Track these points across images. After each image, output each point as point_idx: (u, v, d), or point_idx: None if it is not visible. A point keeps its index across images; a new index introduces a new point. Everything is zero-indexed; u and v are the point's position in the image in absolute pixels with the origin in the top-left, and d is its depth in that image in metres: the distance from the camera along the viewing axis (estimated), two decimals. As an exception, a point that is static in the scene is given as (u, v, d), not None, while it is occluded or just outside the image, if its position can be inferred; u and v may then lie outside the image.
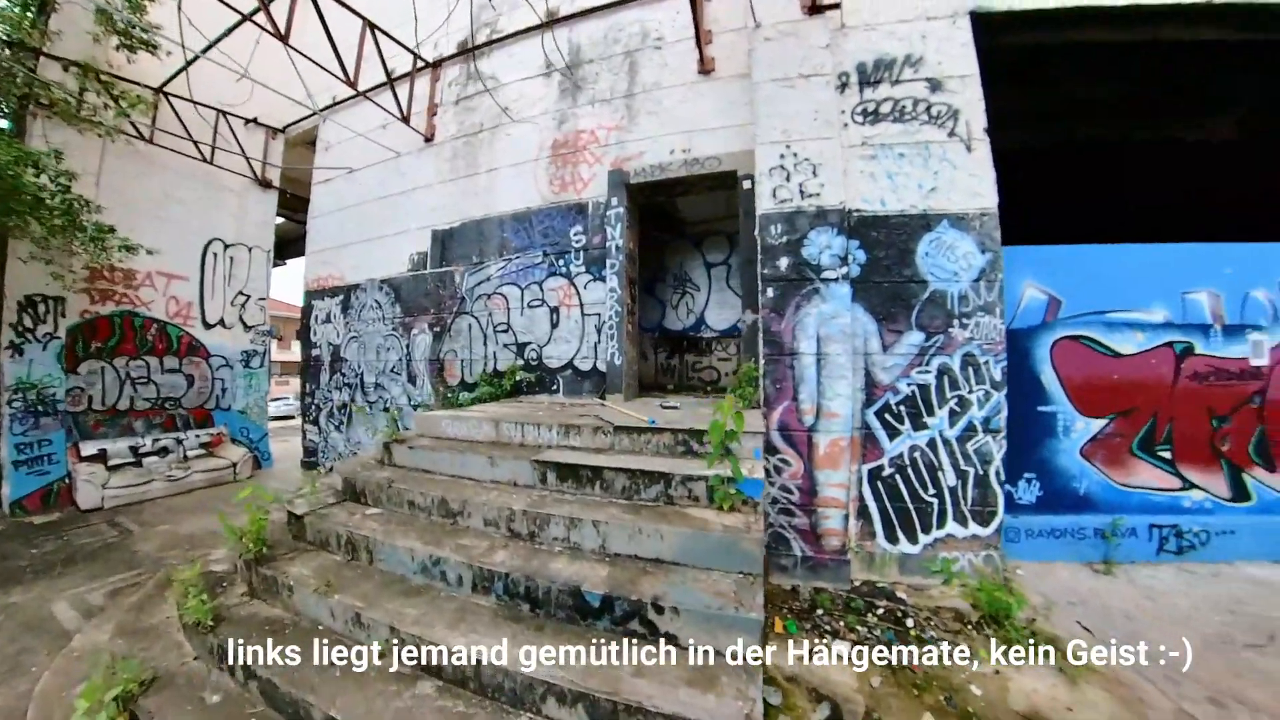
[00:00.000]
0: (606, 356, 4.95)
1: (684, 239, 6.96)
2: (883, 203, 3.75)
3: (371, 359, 6.68)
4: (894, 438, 3.63)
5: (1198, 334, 3.71)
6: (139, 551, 4.80)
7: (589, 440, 3.40)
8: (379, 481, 3.35)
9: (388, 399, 6.49)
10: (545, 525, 2.70)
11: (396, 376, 6.42)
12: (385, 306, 6.57)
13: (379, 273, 6.66)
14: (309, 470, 7.42)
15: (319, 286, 7.38)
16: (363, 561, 2.86)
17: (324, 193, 7.45)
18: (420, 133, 6.36)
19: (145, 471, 6.62)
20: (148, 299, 7.20)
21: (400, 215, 6.53)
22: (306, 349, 7.51)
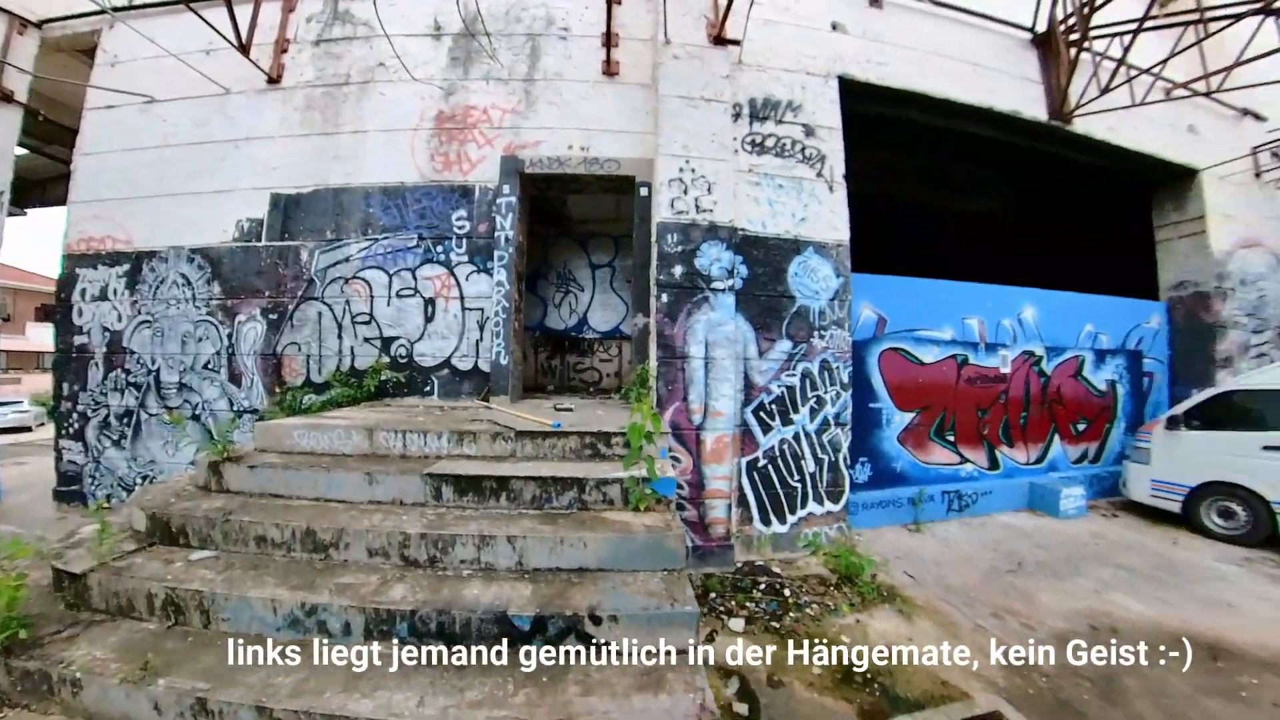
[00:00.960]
0: (491, 355, 4.57)
1: (570, 237, 6.80)
2: (763, 225, 4.20)
3: (174, 351, 5.09)
4: (767, 432, 4.12)
5: (971, 349, 5.11)
6: None
7: (487, 448, 3.11)
8: (208, 514, 2.58)
9: (198, 404, 5.02)
10: (450, 548, 2.39)
11: (212, 374, 5.00)
12: (198, 284, 5.05)
13: (190, 239, 5.09)
14: (67, 503, 5.37)
15: (89, 249, 5.34)
16: (194, 626, 2.16)
17: (104, 123, 5.41)
18: (263, 71, 5.01)
19: None
20: None
21: (226, 169, 5.08)
22: (65, 335, 5.39)
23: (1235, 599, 3.41)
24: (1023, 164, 6.21)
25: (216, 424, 4.85)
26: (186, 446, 4.99)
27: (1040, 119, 5.26)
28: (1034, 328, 5.44)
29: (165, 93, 5.27)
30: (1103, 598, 3.40)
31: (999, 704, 2.27)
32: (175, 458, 5.10)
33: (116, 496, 5.27)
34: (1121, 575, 3.77)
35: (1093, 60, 5.08)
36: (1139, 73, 5.03)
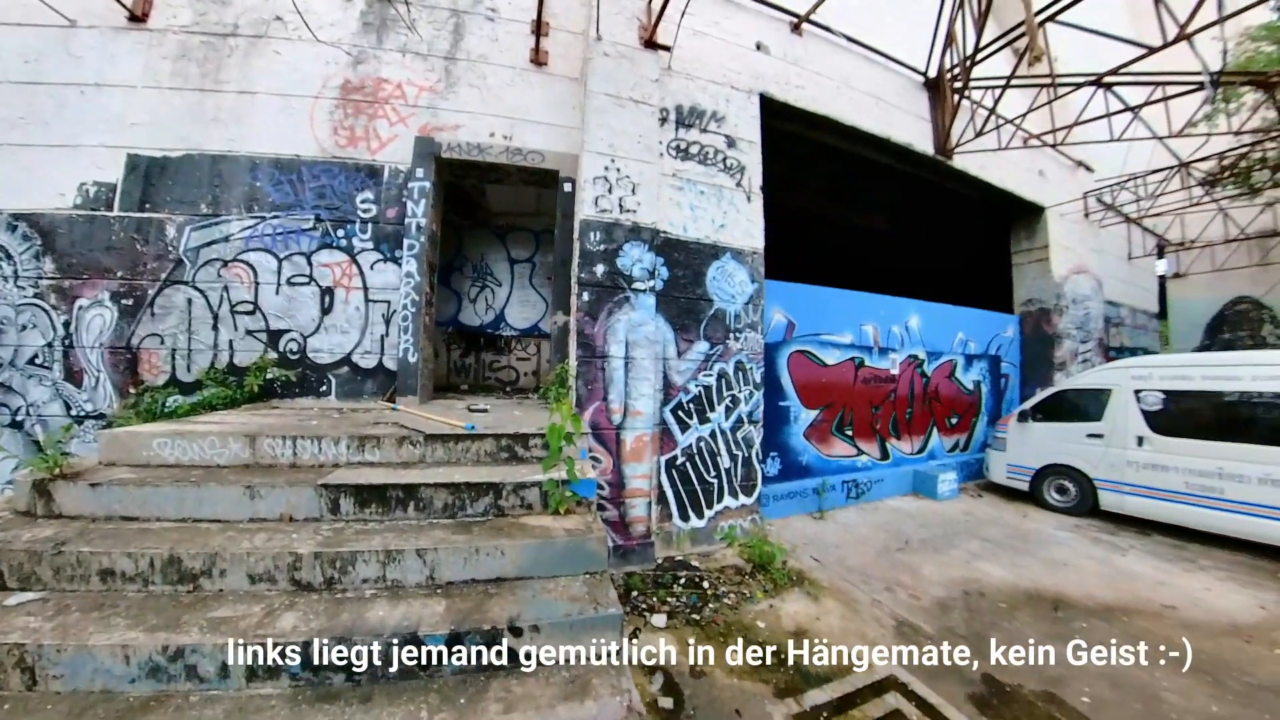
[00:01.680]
0: (398, 352, 4.24)
1: (488, 229, 6.50)
2: (685, 229, 4.31)
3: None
4: (685, 430, 4.27)
5: (866, 352, 5.68)
6: None
7: (392, 453, 2.89)
8: (31, 547, 2.13)
9: (19, 407, 4.10)
10: (350, 566, 2.20)
11: (42, 371, 4.10)
12: (21, 258, 4.09)
13: (10, 202, 4.10)
14: None
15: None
16: (13, 689, 1.75)
17: None
18: (124, 5, 4.14)
19: None
20: None
21: (67, 119, 4.14)
22: None
23: (1069, 559, 4.14)
24: (912, 189, 7.01)
25: (47, 433, 4.02)
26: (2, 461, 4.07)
27: (928, 152, 5.96)
28: (918, 334, 6.19)
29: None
30: (972, 566, 3.96)
31: (894, 670, 2.58)
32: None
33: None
34: (987, 546, 4.41)
35: (971, 106, 5.88)
36: (1004, 121, 5.88)
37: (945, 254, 9.84)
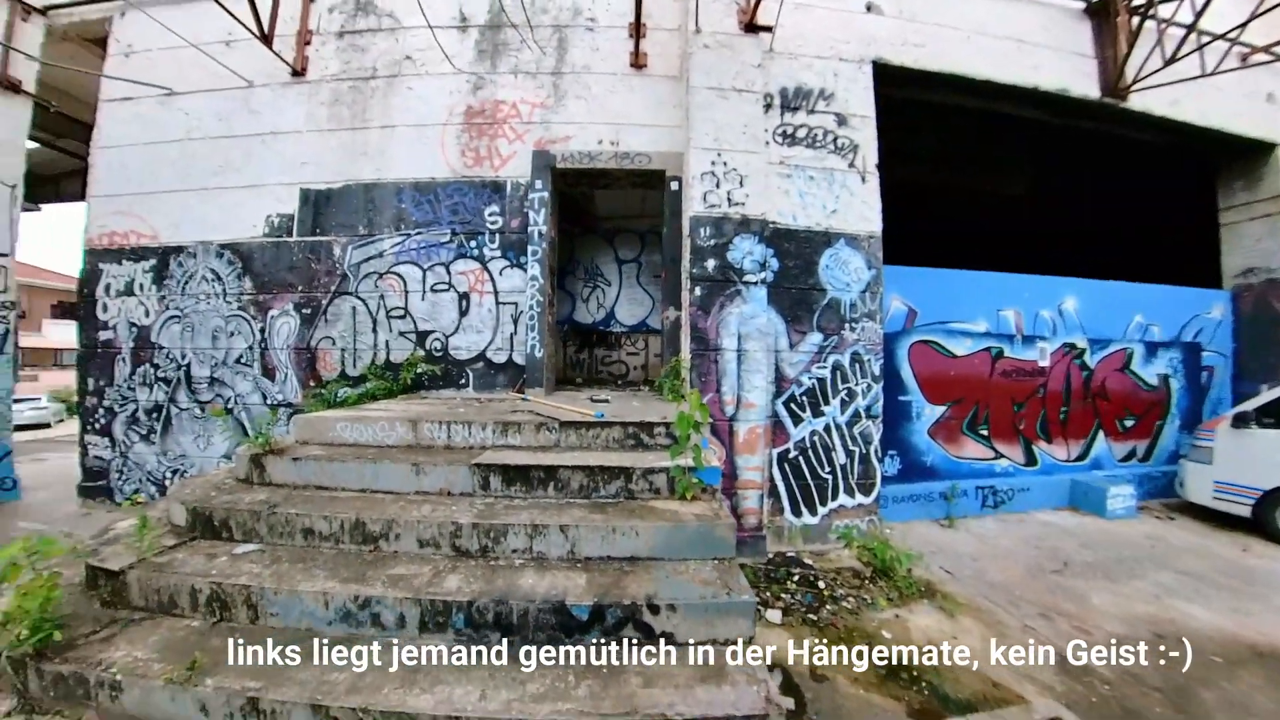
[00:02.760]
0: (525, 349, 4.52)
1: (597, 234, 6.76)
2: (794, 218, 4.09)
3: (204, 346, 5.06)
4: (798, 424, 4.03)
5: (1006, 341, 4.88)
6: None
7: (532, 438, 3.04)
8: (252, 507, 2.52)
9: (230, 397, 4.99)
10: (502, 537, 2.32)
11: (245, 369, 4.97)
12: (229, 279, 5.02)
13: (218, 235, 5.06)
14: (92, 498, 5.35)
15: (113, 245, 5.33)
16: (241, 622, 2.09)
17: (123, 116, 5.38)
18: (287, 62, 4.96)
19: None
20: None
21: (254, 165, 5.04)
22: (90, 331, 5.38)
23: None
24: (1063, 144, 5.83)
25: (250, 418, 4.84)
26: (220, 440, 4.97)
27: (1091, 96, 4.87)
28: (1075, 319, 5.18)
29: (185, 85, 5.22)
30: (1165, 604, 3.20)
31: (1059, 710, 2.16)
32: (207, 451, 5.08)
33: (145, 491, 5.26)
34: (1186, 581, 3.50)
35: (1157, 28, 4.59)
36: (1212, 39, 4.49)
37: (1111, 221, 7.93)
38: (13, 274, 5.87)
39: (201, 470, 5.07)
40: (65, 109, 6.76)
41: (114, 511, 5.15)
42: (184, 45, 4.99)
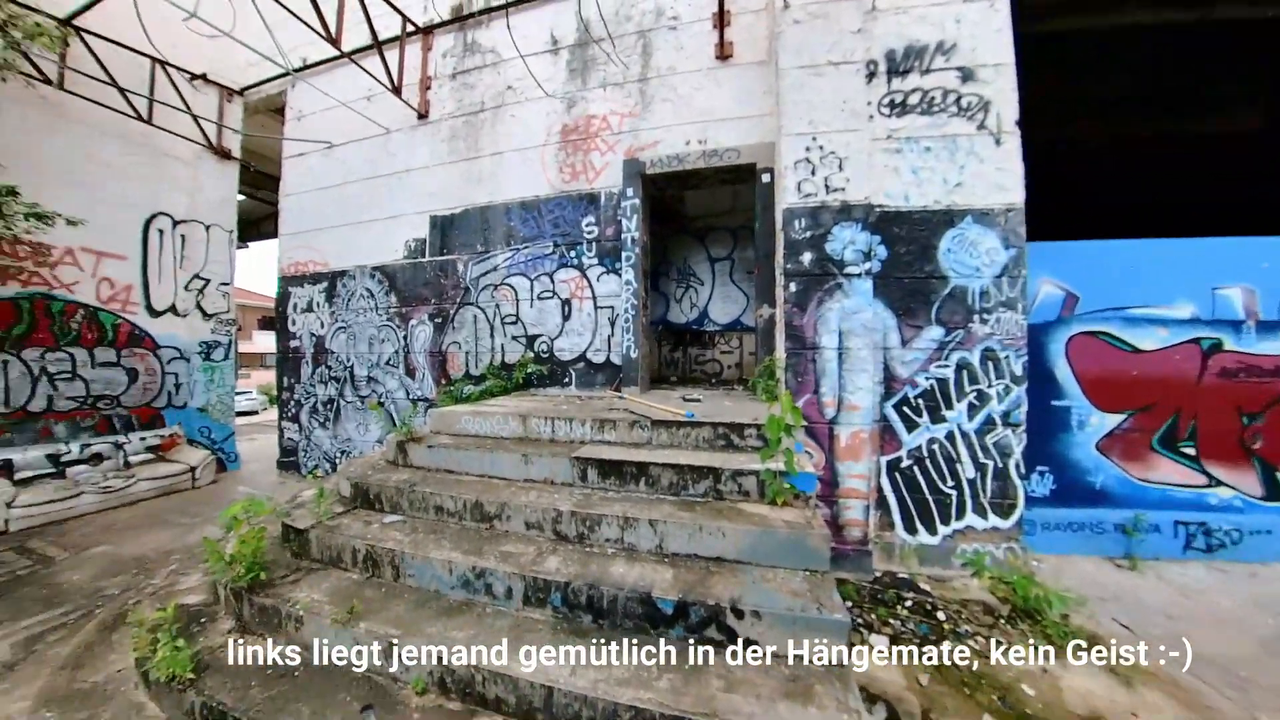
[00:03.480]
0: (621, 349, 4.73)
1: (688, 234, 6.77)
2: (906, 198, 3.67)
3: (363, 350, 6.17)
4: (912, 430, 3.60)
5: (1228, 330, 3.64)
6: (63, 583, 3.73)
7: (625, 435, 3.19)
8: (397, 485, 3.02)
9: (382, 393, 6.03)
10: (596, 526, 2.49)
11: (393, 369, 5.96)
12: (379, 295, 6.07)
13: (370, 259, 6.14)
14: (287, 471, 6.83)
15: (297, 272, 6.74)
16: (386, 578, 2.54)
17: (298, 169, 6.78)
18: (414, 108, 5.85)
19: (70, 484, 5.37)
20: (69, 280, 5.81)
21: (394, 198, 6.02)
22: (284, 339, 6.88)
23: None
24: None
25: (397, 409, 5.78)
26: (375, 428, 6.03)
27: None
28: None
29: (340, 138, 6.36)
30: None
31: None
32: (365, 436, 6.18)
33: (322, 467, 6.54)
34: None
35: None
36: None
37: None
38: (232, 297, 7.74)
39: (361, 452, 6.20)
40: (260, 168, 8.79)
41: (301, 482, 6.52)
42: (337, 105, 6.15)
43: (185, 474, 6.26)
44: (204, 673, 2.13)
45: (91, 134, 6.05)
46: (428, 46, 5.91)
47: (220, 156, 7.38)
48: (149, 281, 6.68)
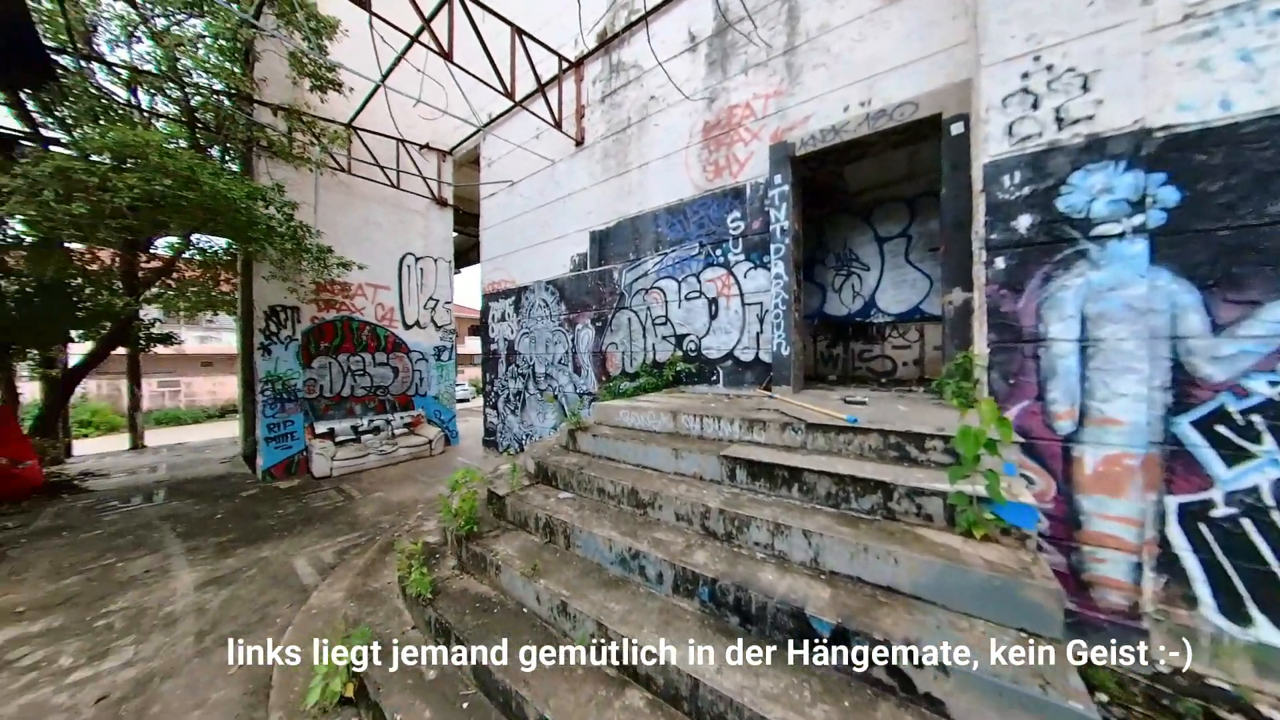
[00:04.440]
0: (772, 346, 4.43)
1: (849, 213, 5.98)
2: (1223, 103, 2.43)
3: (541, 352, 7.17)
4: (1234, 463, 2.38)
5: None
6: (360, 515, 5.34)
7: (775, 436, 2.96)
8: (568, 467, 3.38)
9: (556, 387, 6.90)
10: (745, 528, 2.36)
11: (563, 367, 6.77)
12: (552, 305, 6.97)
13: (544, 275, 7.10)
14: (489, 447, 8.37)
15: (493, 290, 8.20)
16: (560, 545, 2.86)
17: (491, 206, 8.22)
18: (571, 137, 6.55)
19: (363, 446, 7.81)
20: (360, 306, 8.52)
21: (559, 220, 6.84)
22: (486, 344, 8.44)
23: None
24: None
25: (567, 401, 6.54)
26: (551, 417, 6.95)
27: None
28: None
29: (518, 174, 7.47)
30: None
31: None
32: (544, 423, 7.15)
33: (513, 446, 7.79)
34: None
35: None
36: None
37: None
38: (452, 311, 10.05)
39: (541, 436, 7.20)
40: (466, 210, 10.99)
41: (498, 457, 7.91)
42: (513, 148, 7.28)
43: (425, 445, 8.45)
44: (438, 595, 2.74)
45: (368, 203, 8.57)
46: (580, 78, 6.55)
47: (440, 205, 9.66)
48: (403, 303, 9.14)
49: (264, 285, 7.28)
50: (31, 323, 6.51)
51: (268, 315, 7.37)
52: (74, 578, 3.90)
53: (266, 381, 7.34)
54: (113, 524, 5.28)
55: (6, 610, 3.41)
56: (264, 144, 7.13)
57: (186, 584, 3.72)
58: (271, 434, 7.30)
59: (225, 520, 5.31)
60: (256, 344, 7.31)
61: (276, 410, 7.37)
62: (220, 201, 5.19)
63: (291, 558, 4.20)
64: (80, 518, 5.55)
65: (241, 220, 5.64)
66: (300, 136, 7.45)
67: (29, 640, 3.03)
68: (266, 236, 6.12)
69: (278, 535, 4.76)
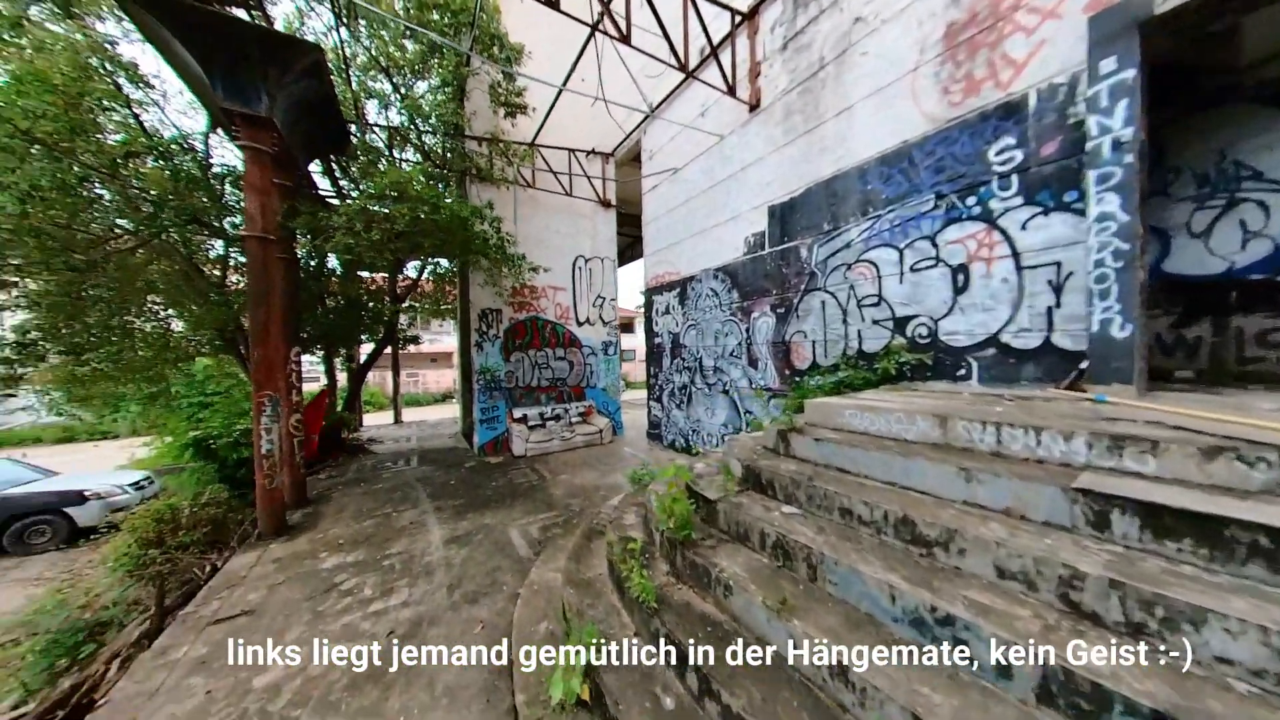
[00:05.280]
0: (1090, 325, 2.89)
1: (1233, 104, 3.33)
2: None
3: (710, 344, 6.64)
4: None
5: None
6: (553, 496, 5.78)
7: (1186, 468, 1.79)
8: (789, 476, 2.70)
9: (726, 382, 6.29)
10: (1177, 622, 1.36)
11: (735, 360, 6.13)
12: (721, 293, 6.38)
13: (712, 262, 6.54)
14: (653, 440, 8.19)
15: (657, 283, 7.95)
16: (800, 574, 2.20)
17: (653, 200, 7.97)
18: (744, 102, 5.81)
19: (548, 432, 8.63)
20: (544, 306, 9.34)
21: (730, 200, 6.18)
22: (650, 338, 8.25)
23: None
24: None
25: (740, 398, 5.89)
26: (720, 412, 6.38)
27: None
28: None
29: (681, 160, 6.99)
30: None
31: None
32: (712, 420, 6.60)
33: (677, 440, 7.44)
34: None
35: None
36: None
37: None
38: (616, 308, 10.29)
39: (709, 432, 6.67)
40: (625, 210, 11.10)
41: (664, 451, 7.68)
42: (678, 132, 6.81)
43: (597, 434, 8.84)
44: (662, 606, 2.37)
45: (547, 212, 9.24)
46: (754, 30, 5.74)
47: (605, 207, 9.93)
48: (576, 302, 9.65)
49: (478, 292, 8.53)
50: (343, 329, 9.11)
51: (480, 317, 8.61)
52: (369, 521, 4.95)
53: (480, 373, 8.57)
54: (389, 480, 6.89)
55: (333, 541, 4.42)
56: (474, 171, 8.28)
57: (437, 540, 4.39)
58: (484, 417, 8.60)
59: (457, 487, 6.40)
60: (472, 341, 8.61)
61: (486, 398, 8.62)
62: (454, 221, 6.35)
63: (507, 527, 4.68)
64: (370, 474, 7.38)
65: (466, 235, 6.85)
66: (498, 160, 8.45)
67: (345, 569, 3.78)
68: (483, 249, 7.32)
69: (494, 506, 5.45)
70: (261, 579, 3.62)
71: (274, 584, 3.52)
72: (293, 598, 3.30)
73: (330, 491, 6.34)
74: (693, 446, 6.95)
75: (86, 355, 6.24)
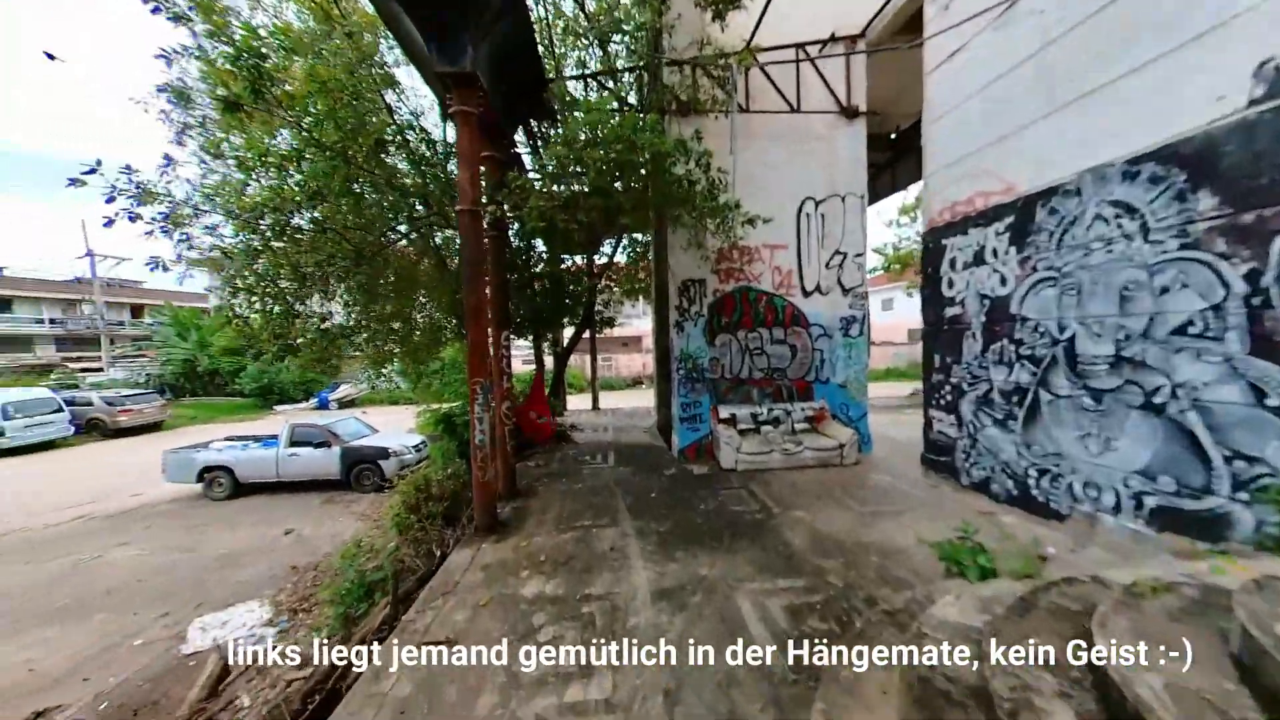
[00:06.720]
0: None
1: None
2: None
3: (1099, 313, 3.63)
4: None
5: None
6: (791, 545, 3.91)
7: None
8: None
9: (1156, 387, 3.24)
10: None
11: (1196, 343, 3.03)
12: (1153, 208, 3.27)
13: (1117, 151, 3.46)
14: (938, 472, 5.40)
15: (955, 217, 5.06)
16: None
17: (947, 77, 5.05)
18: None
19: (765, 440, 6.34)
20: (757, 273, 6.93)
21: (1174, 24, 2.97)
22: (935, 307, 5.43)
23: None
24: None
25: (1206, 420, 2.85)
26: (1129, 445, 3.36)
27: None
28: None
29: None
30: None
31: None
32: (1100, 458, 3.63)
33: (995, 483, 4.59)
34: None
35: None
36: None
37: None
38: (864, 267, 7.22)
39: (1091, 480, 3.73)
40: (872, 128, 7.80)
41: (959, 492, 4.93)
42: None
43: (835, 450, 6.20)
44: None
45: (763, 142, 6.78)
46: None
47: (849, 117, 6.91)
48: (801, 265, 7.05)
49: (679, 259, 6.68)
50: (550, 313, 9.07)
51: (680, 291, 6.78)
52: (569, 534, 4.33)
53: (681, 360, 6.83)
54: (588, 479, 6.20)
55: (536, 556, 3.89)
56: (673, 106, 6.45)
57: (643, 587, 3.37)
58: (685, 414, 6.86)
59: (659, 502, 5.19)
60: (672, 320, 6.85)
61: (688, 390, 6.84)
62: (653, 162, 5.10)
63: (734, 591, 3.25)
64: (572, 467, 6.80)
65: (666, 183, 5.40)
66: (704, 81, 6.45)
67: (544, 605, 3.19)
68: (687, 195, 5.51)
69: (710, 544, 4.02)
70: (470, 591, 3.42)
71: (478, 603, 3.24)
72: (492, 632, 2.91)
73: (536, 485, 5.93)
74: (1044, 499, 4.11)
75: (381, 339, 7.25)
